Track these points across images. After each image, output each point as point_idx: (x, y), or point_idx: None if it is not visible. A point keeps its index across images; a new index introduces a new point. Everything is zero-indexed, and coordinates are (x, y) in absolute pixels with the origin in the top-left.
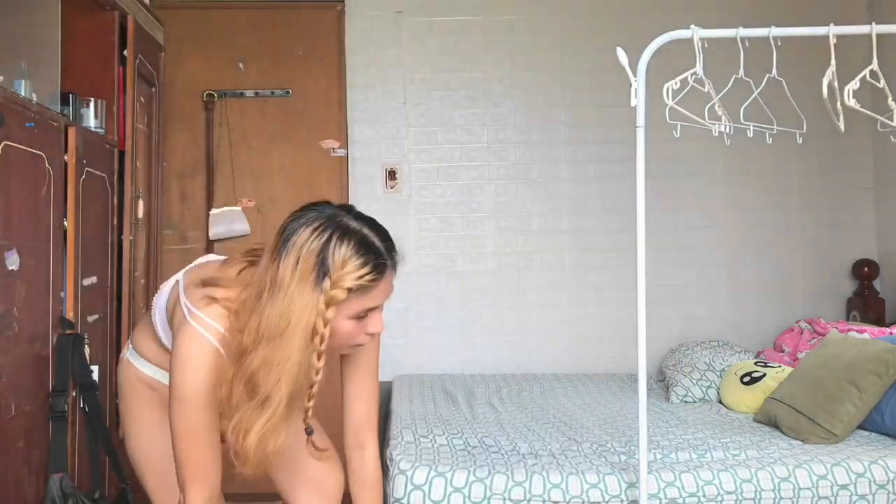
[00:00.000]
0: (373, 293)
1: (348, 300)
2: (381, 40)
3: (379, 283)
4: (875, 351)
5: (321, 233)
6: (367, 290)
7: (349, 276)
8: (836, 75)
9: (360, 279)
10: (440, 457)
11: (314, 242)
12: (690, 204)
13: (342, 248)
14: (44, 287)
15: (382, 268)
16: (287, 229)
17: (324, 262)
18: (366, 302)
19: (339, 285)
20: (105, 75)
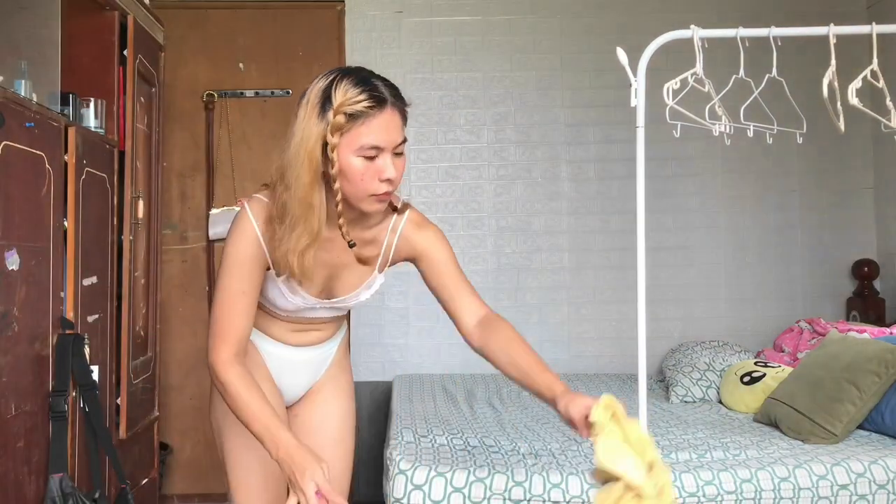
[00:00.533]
0: (373, 123)
1: (350, 128)
2: (381, 40)
3: (378, 115)
4: (875, 351)
5: (328, 76)
6: (367, 119)
7: (347, 102)
8: (836, 75)
9: (358, 104)
10: (440, 457)
11: (321, 83)
12: (690, 204)
13: (344, 82)
14: (44, 287)
15: (380, 99)
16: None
17: (328, 97)
18: (367, 134)
19: (339, 111)
20: (105, 75)
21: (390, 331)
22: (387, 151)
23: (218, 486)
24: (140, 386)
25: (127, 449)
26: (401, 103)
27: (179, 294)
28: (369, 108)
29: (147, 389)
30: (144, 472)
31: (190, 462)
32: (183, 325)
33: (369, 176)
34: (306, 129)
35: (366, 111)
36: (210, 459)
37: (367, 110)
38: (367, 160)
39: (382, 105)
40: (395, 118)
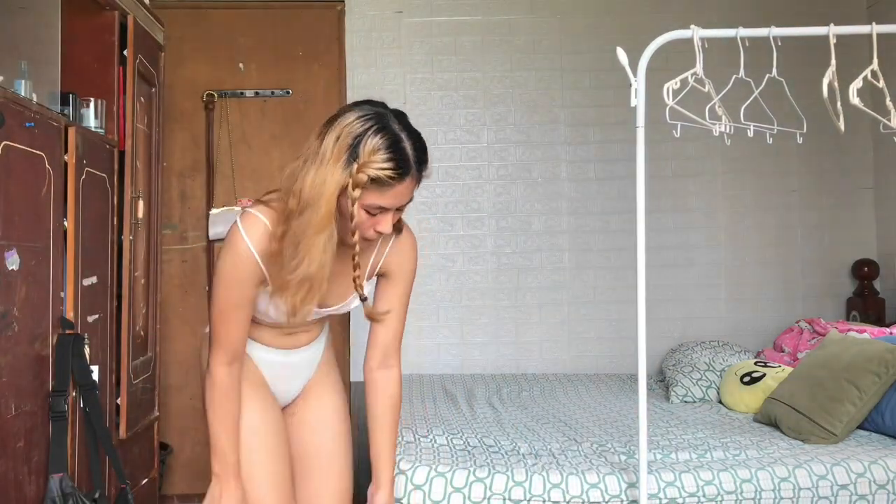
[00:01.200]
0: (389, 192)
1: (367, 189)
2: (381, 40)
3: (397, 185)
4: (875, 351)
5: (364, 122)
6: (384, 187)
7: (373, 165)
8: (836, 75)
9: (381, 171)
10: (440, 457)
11: (355, 126)
12: (690, 204)
13: (375, 140)
14: (44, 287)
15: (404, 171)
16: (340, 110)
17: (357, 147)
18: (381, 198)
19: (363, 170)
20: (105, 75)
21: None
22: (390, 211)
23: None
24: (140, 386)
25: (127, 449)
26: (421, 171)
27: (179, 294)
28: (391, 179)
29: (147, 389)
30: (144, 472)
31: (190, 462)
32: (183, 325)
33: (366, 226)
34: (330, 173)
35: (387, 180)
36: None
37: (388, 179)
38: (369, 214)
39: (404, 177)
40: (410, 186)
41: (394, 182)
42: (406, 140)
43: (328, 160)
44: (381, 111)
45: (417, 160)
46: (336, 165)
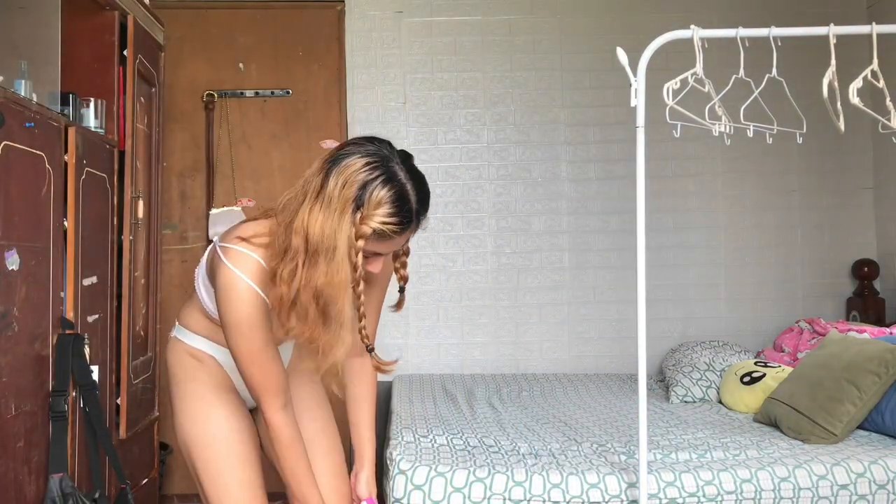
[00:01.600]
0: (389, 242)
1: (368, 240)
2: (381, 40)
3: (397, 237)
4: (875, 351)
5: (372, 170)
6: (385, 238)
7: (377, 218)
8: (836, 75)
9: (384, 226)
10: (440, 457)
11: (362, 174)
12: (690, 204)
13: (382, 192)
14: (44, 287)
15: (406, 226)
16: (346, 149)
17: (362, 196)
18: (380, 247)
19: (366, 222)
20: (105, 75)
21: (390, 331)
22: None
23: None
24: (140, 386)
25: (127, 449)
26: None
27: (179, 294)
28: (393, 233)
29: (147, 389)
30: (144, 472)
31: None
32: None
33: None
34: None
35: (389, 234)
36: None
37: (390, 234)
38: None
39: (405, 231)
40: (408, 236)
41: (395, 235)
42: (411, 192)
43: (335, 209)
44: (387, 155)
45: (419, 211)
46: (344, 216)
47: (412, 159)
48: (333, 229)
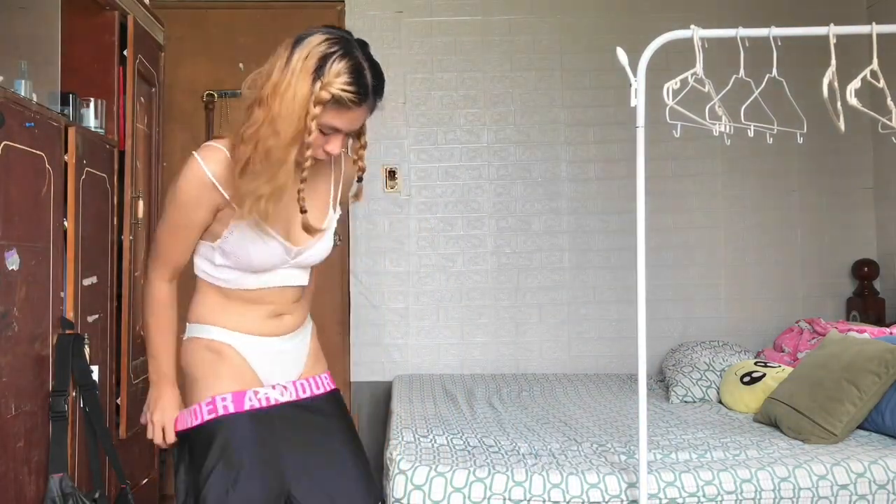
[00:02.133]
0: (346, 115)
1: (326, 109)
2: (381, 40)
3: (354, 108)
4: (875, 351)
5: (331, 44)
6: (342, 108)
7: (335, 84)
8: (836, 75)
9: (342, 92)
10: (440, 457)
11: (323, 47)
12: (690, 204)
13: (341, 63)
14: (44, 287)
15: (362, 97)
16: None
17: (322, 66)
18: (338, 119)
19: (326, 88)
20: (105, 75)
21: (390, 331)
22: (341, 133)
23: None
24: (140, 386)
25: (127, 449)
26: (376, 101)
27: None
28: (350, 101)
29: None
30: (144, 472)
31: None
32: (183, 325)
33: (317, 144)
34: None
35: (346, 102)
36: None
37: (347, 102)
38: (322, 134)
39: (362, 102)
40: (365, 113)
41: (352, 106)
42: (367, 69)
43: (298, 76)
44: (347, 37)
45: (375, 88)
46: (304, 82)
47: (368, 47)
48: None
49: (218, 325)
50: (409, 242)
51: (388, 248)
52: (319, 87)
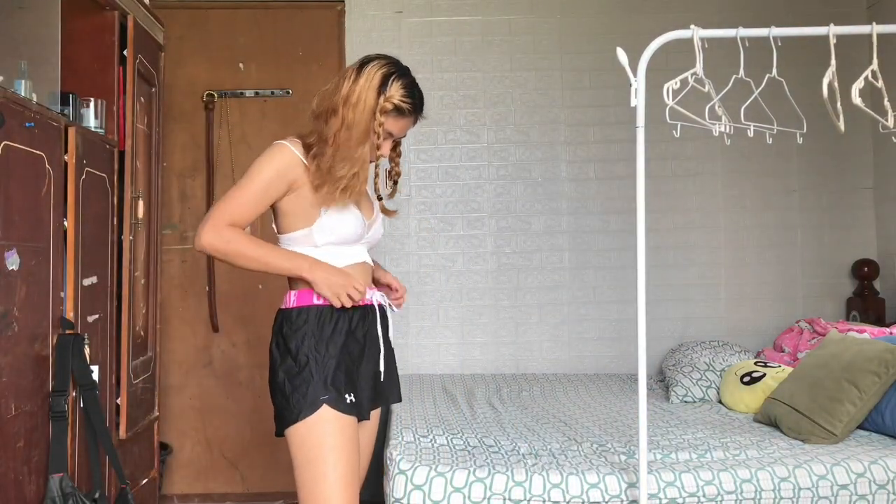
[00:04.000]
0: (400, 121)
1: (389, 116)
2: (381, 40)
3: (407, 118)
4: (875, 351)
5: (391, 66)
6: (398, 117)
7: (396, 97)
8: (836, 75)
9: (402, 103)
10: (440, 457)
11: (385, 69)
12: (690, 204)
13: (399, 82)
14: (44, 287)
15: (415, 108)
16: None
17: (385, 83)
18: (393, 125)
19: (390, 100)
20: (105, 75)
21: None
22: (391, 139)
23: (217, 486)
24: (140, 386)
25: (127, 449)
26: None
27: (179, 294)
28: (407, 111)
29: (147, 389)
30: (144, 472)
31: (190, 462)
32: (183, 325)
33: (372, 147)
34: (368, 98)
35: (404, 111)
36: (210, 459)
37: (405, 111)
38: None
39: (413, 113)
40: (411, 122)
41: (407, 114)
42: (415, 89)
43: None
44: (401, 63)
45: (422, 104)
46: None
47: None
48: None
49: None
50: (409, 242)
51: (388, 248)
52: (384, 99)
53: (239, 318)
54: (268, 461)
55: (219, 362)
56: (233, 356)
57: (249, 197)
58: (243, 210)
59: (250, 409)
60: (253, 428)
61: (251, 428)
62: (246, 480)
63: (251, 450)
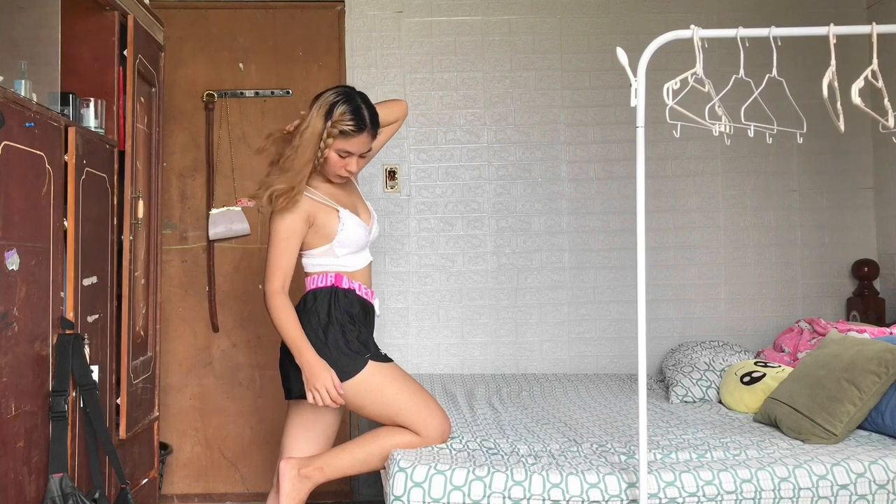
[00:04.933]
0: (352, 140)
1: (338, 138)
2: (381, 40)
3: (357, 136)
4: (875, 351)
5: (337, 95)
6: (349, 137)
7: (341, 122)
8: (836, 75)
9: (346, 126)
10: (440, 456)
11: (331, 97)
12: (690, 204)
13: (343, 107)
14: (44, 287)
15: (361, 127)
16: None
17: (332, 110)
18: (347, 145)
19: (335, 125)
20: (105, 75)
21: (390, 331)
22: (354, 156)
23: (217, 486)
24: (140, 386)
25: (127, 449)
26: (374, 129)
27: (179, 294)
28: (352, 131)
29: (147, 389)
30: (144, 472)
31: (190, 462)
32: (183, 325)
33: (339, 166)
34: (316, 125)
35: (349, 132)
36: (210, 459)
37: (350, 132)
38: (340, 157)
39: (360, 132)
40: (367, 139)
41: (354, 134)
42: (364, 109)
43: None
44: (349, 91)
45: (371, 121)
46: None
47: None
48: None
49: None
50: (409, 242)
51: (388, 248)
52: (330, 124)
53: (239, 318)
54: (268, 461)
55: (219, 362)
56: (233, 356)
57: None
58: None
59: (250, 409)
60: (253, 428)
61: (251, 428)
62: (246, 480)
63: (251, 450)
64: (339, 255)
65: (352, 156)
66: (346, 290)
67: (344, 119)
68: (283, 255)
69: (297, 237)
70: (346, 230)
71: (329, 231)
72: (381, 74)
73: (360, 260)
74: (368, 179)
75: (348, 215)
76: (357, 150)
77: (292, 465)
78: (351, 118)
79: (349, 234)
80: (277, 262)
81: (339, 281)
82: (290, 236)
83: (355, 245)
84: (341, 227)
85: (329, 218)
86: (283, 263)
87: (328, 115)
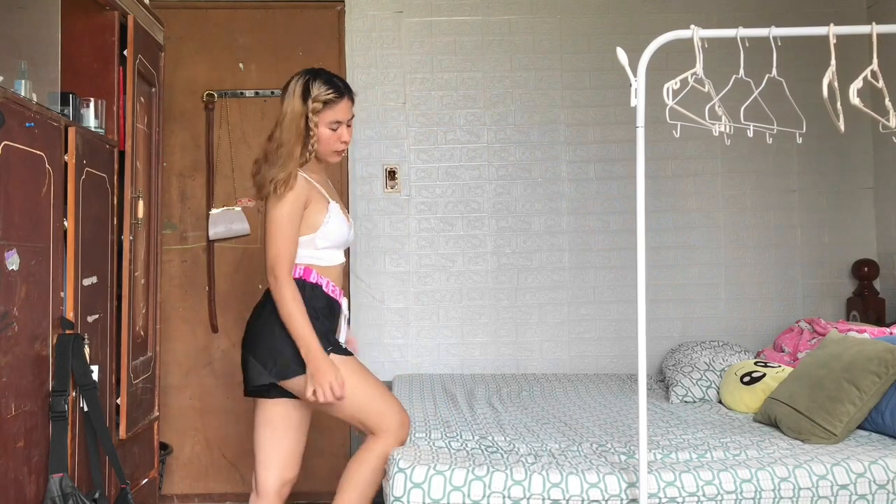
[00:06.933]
0: (338, 107)
1: (323, 111)
2: (381, 40)
3: (340, 101)
4: (875, 351)
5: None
6: (333, 105)
7: (321, 94)
8: (836, 75)
9: (327, 95)
10: (439, 456)
11: (300, 79)
12: (690, 204)
13: (317, 81)
14: (44, 287)
15: (341, 91)
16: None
17: (308, 91)
18: (334, 114)
19: (317, 100)
20: (105, 75)
21: (390, 331)
22: (344, 124)
23: (218, 486)
24: (140, 386)
25: (127, 449)
26: (351, 94)
27: (179, 294)
28: (335, 97)
29: (147, 389)
30: (144, 472)
31: (190, 462)
32: (183, 325)
33: (334, 140)
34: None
35: (333, 99)
36: (210, 459)
37: (333, 99)
38: (332, 130)
39: (342, 97)
40: (349, 104)
41: (338, 100)
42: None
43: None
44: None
45: (346, 87)
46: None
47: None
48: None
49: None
50: (409, 242)
51: (388, 248)
52: (311, 100)
53: (239, 318)
54: None
55: (219, 362)
56: (233, 356)
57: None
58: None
59: (250, 409)
60: (253, 428)
61: (251, 428)
62: (246, 480)
63: (251, 450)
64: (319, 246)
65: (341, 125)
66: (314, 284)
67: (322, 90)
68: (287, 240)
69: (298, 220)
70: (331, 223)
71: (315, 221)
72: (381, 74)
73: (335, 257)
74: (368, 179)
75: (336, 210)
76: (344, 117)
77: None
78: (328, 87)
79: (333, 228)
80: (282, 248)
81: (308, 275)
82: (292, 220)
83: (336, 240)
84: (327, 218)
85: (319, 206)
86: (288, 248)
87: (305, 94)
